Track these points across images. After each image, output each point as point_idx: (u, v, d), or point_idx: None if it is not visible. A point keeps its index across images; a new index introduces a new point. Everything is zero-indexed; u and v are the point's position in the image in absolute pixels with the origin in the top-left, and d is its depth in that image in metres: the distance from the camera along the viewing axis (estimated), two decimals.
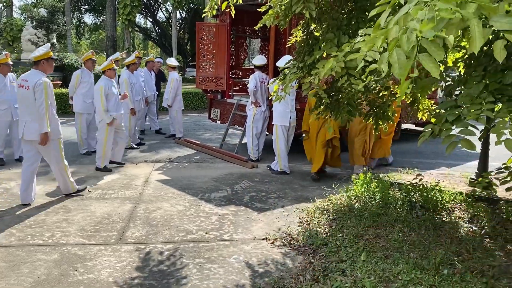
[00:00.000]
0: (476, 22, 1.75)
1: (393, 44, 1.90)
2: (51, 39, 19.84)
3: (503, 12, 1.82)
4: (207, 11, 5.46)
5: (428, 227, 4.40)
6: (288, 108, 6.85)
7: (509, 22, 1.77)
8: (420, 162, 8.17)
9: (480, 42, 1.75)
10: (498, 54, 1.88)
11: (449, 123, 2.92)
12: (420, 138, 3.12)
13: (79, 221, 4.68)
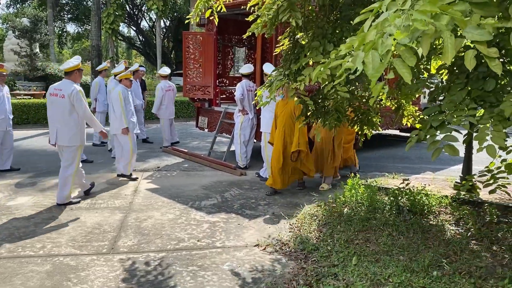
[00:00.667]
0: (449, 34, 1.85)
1: (370, 46, 1.99)
2: (33, 49, 19.65)
3: (475, 24, 1.93)
4: (190, 17, 5.52)
5: (416, 230, 4.50)
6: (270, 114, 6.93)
7: (480, 34, 1.89)
8: (405, 167, 8.32)
9: (452, 53, 1.86)
10: (468, 63, 2.00)
11: (433, 128, 3.02)
12: (408, 143, 3.21)
13: (69, 232, 4.66)
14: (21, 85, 18.29)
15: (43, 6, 31.41)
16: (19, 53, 18.92)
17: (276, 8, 3.92)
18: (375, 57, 1.93)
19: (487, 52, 1.96)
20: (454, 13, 1.83)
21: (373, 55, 1.94)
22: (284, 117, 6.18)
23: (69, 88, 5.43)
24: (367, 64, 1.96)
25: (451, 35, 1.85)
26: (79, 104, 5.44)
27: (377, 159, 9.21)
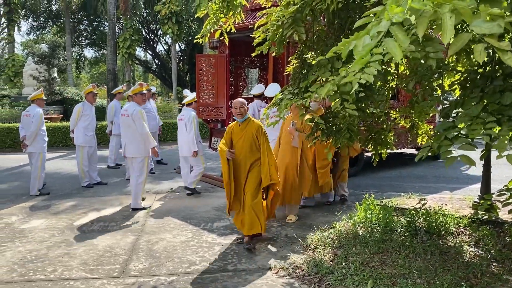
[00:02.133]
0: (449, 15, 1.79)
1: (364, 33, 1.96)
2: (52, 74, 20.08)
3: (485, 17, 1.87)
4: (198, 38, 5.57)
5: (433, 252, 4.35)
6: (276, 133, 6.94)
7: (489, 27, 1.82)
8: (422, 186, 8.15)
9: (451, 33, 1.80)
10: (478, 56, 1.93)
11: (448, 140, 2.93)
12: (418, 154, 3.14)
13: (81, 255, 4.63)
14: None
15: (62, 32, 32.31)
16: (38, 78, 19.34)
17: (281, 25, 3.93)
18: (366, 39, 1.90)
19: (499, 45, 1.89)
20: (458, 3, 1.79)
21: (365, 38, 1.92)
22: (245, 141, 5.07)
23: (131, 109, 6.49)
24: (356, 46, 1.92)
25: (450, 16, 1.79)
26: (137, 122, 6.39)
27: (393, 179, 9.06)
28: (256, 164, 4.84)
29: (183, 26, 27.98)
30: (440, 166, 10.66)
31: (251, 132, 4.83)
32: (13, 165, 10.77)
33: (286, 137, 5.93)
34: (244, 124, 4.91)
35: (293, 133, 5.76)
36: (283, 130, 6.01)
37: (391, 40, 1.85)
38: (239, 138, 4.88)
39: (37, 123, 7.39)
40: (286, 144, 5.91)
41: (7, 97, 19.80)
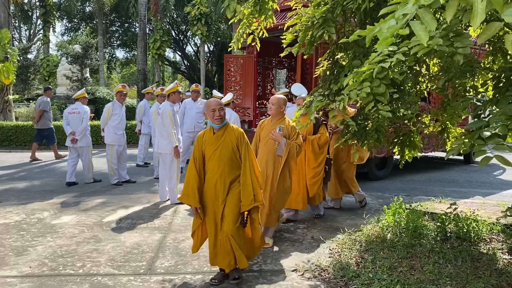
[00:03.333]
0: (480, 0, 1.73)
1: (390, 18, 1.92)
2: (84, 74, 20.61)
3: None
4: (233, 44, 5.60)
5: (464, 258, 4.22)
6: None
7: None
8: (453, 191, 7.94)
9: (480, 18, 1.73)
10: (509, 46, 1.87)
11: (481, 139, 2.83)
12: (448, 152, 3.04)
13: (109, 251, 4.71)
14: None
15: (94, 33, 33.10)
16: (71, 78, 19.88)
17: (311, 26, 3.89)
18: (391, 22, 1.85)
19: None
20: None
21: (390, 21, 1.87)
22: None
23: (164, 107, 6.86)
24: (381, 30, 1.87)
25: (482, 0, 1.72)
26: (165, 120, 6.75)
27: (423, 183, 8.86)
28: (237, 182, 3.89)
29: (212, 27, 28.21)
30: (472, 170, 10.36)
31: (230, 142, 3.86)
32: (45, 162, 11.06)
33: (268, 144, 4.89)
34: (221, 131, 3.92)
35: (279, 140, 4.78)
36: (262, 135, 5.01)
37: (417, 23, 1.80)
38: (215, 149, 3.88)
39: (87, 120, 8.31)
40: (268, 152, 4.87)
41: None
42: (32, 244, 4.89)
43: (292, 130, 4.83)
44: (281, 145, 4.76)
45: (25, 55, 26.15)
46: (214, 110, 3.83)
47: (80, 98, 8.50)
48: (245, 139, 3.89)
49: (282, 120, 4.92)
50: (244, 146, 3.86)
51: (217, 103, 3.86)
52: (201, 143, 3.95)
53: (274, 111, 4.89)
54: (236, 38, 5.44)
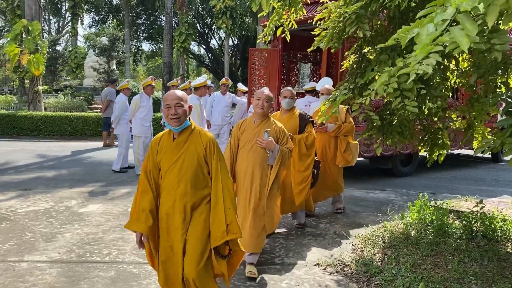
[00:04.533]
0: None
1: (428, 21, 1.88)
2: (111, 66, 20.94)
3: None
4: (261, 37, 5.59)
5: (491, 258, 4.15)
6: None
7: None
8: (480, 189, 7.78)
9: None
10: None
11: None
12: (476, 150, 2.99)
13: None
14: (98, 99, 19.50)
15: (121, 26, 33.51)
16: (98, 69, 20.24)
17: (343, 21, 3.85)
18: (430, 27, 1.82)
19: None
20: None
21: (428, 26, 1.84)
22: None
23: (191, 101, 6.45)
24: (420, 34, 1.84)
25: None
26: (192, 114, 6.42)
27: (449, 180, 8.72)
28: (203, 205, 2.91)
29: (237, 20, 28.21)
30: (500, 169, 10.13)
31: (195, 152, 2.87)
32: (73, 152, 11.32)
33: (255, 151, 3.96)
34: (182, 136, 2.90)
35: (272, 147, 3.89)
36: (243, 140, 4.07)
37: (457, 29, 1.76)
38: (174, 161, 2.87)
39: (119, 109, 8.70)
40: (255, 162, 3.95)
41: (69, 87, 20.87)
42: (60, 231, 5.03)
43: (281, 133, 4.04)
44: (273, 153, 3.93)
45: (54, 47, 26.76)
46: (168, 107, 2.79)
47: (123, 89, 8.91)
48: (216, 149, 2.91)
49: (267, 121, 4.07)
50: (215, 158, 2.89)
51: (174, 97, 2.80)
52: (155, 151, 2.95)
53: (265, 109, 4.02)
54: (266, 31, 5.43)
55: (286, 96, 4.88)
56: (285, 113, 4.99)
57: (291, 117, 4.93)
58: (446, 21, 1.78)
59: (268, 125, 4.03)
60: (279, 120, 4.54)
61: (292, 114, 4.94)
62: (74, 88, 21.14)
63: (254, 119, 4.12)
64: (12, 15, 19.22)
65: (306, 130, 4.85)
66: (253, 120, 4.11)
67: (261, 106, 4.02)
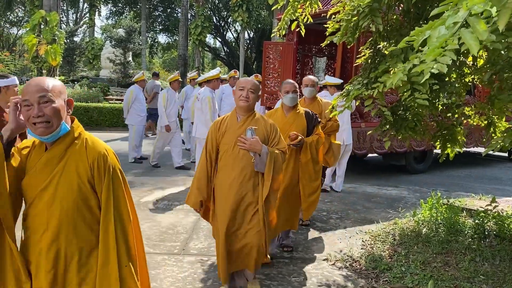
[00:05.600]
0: None
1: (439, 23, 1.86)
2: (127, 57, 21.07)
3: None
4: (276, 31, 5.56)
5: (503, 258, 4.09)
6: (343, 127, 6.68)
7: None
8: (495, 188, 7.66)
9: None
10: None
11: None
12: (486, 149, 2.95)
13: (145, 230, 4.85)
14: (114, 90, 19.66)
15: (138, 18, 33.66)
16: (114, 61, 20.39)
17: (356, 14, 3.81)
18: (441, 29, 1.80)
19: None
20: None
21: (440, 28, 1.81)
22: None
23: (203, 94, 6.92)
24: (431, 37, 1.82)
25: None
26: (205, 107, 6.85)
27: (463, 178, 8.61)
28: (91, 257, 1.93)
29: (253, 13, 28.11)
30: None
31: (74, 173, 1.87)
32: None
33: (242, 157, 3.22)
34: (57, 149, 1.88)
35: (257, 148, 3.14)
36: (224, 143, 3.30)
37: (467, 32, 1.73)
38: (43, 187, 1.85)
39: (127, 99, 8.68)
40: (242, 171, 3.22)
41: (86, 78, 21.07)
42: None
43: (272, 131, 3.32)
44: (261, 157, 3.16)
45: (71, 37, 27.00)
46: (29, 106, 1.80)
47: (138, 81, 8.91)
48: (109, 169, 1.92)
49: (253, 117, 3.30)
50: (107, 182, 1.91)
51: (37, 89, 1.79)
52: (16, 171, 1.88)
53: (251, 101, 3.24)
54: (280, 25, 5.39)
55: (289, 90, 4.05)
56: (288, 111, 4.16)
57: (296, 117, 4.14)
58: (457, 23, 1.75)
59: (255, 122, 3.27)
60: (281, 120, 4.06)
61: (297, 112, 4.15)
62: (91, 79, 21.32)
63: (237, 115, 3.31)
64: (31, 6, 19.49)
65: (315, 132, 4.15)
66: (236, 117, 3.31)
67: (245, 98, 3.20)
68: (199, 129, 7.03)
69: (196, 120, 7.26)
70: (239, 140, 3.19)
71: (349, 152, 6.96)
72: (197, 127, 7.13)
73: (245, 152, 3.20)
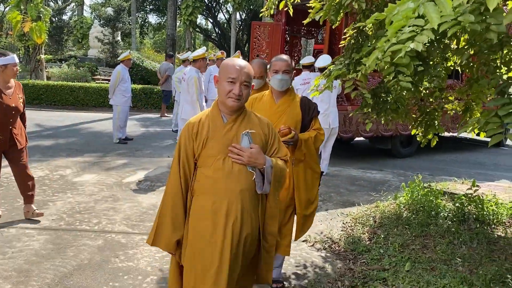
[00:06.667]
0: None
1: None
2: (116, 37, 20.71)
3: None
4: (264, 11, 5.45)
5: (481, 241, 4.12)
6: (329, 110, 6.64)
7: None
8: (479, 173, 7.72)
9: None
10: None
11: (498, 117, 2.69)
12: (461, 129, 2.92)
13: (125, 210, 4.81)
14: (102, 70, 19.38)
15: None
16: (102, 40, 20.03)
17: None
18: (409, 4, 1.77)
19: None
20: None
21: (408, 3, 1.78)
22: None
23: (190, 74, 6.77)
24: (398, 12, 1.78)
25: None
26: (191, 87, 6.69)
27: (448, 163, 8.65)
28: None
29: None
30: (501, 153, 10.04)
31: None
32: (73, 122, 11.30)
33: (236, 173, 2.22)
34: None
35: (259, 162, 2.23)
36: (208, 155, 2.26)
37: (431, 4, 1.69)
38: None
39: (114, 79, 8.52)
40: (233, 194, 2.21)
41: (74, 58, 20.72)
42: (52, 199, 5.04)
43: (270, 133, 2.36)
44: (266, 173, 2.23)
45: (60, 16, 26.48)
46: None
47: (124, 60, 8.73)
48: None
49: (244, 115, 2.32)
50: None
51: None
52: None
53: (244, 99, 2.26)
54: (268, 4, 5.29)
55: (279, 69, 3.04)
56: (278, 97, 3.14)
57: (289, 105, 3.13)
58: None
59: (248, 122, 2.30)
60: (269, 108, 3.09)
61: (289, 99, 3.14)
62: (79, 58, 20.92)
63: (221, 115, 2.28)
64: None
65: (313, 126, 3.16)
66: (221, 117, 2.28)
67: (237, 97, 2.19)
68: (185, 110, 6.91)
69: (182, 101, 7.14)
70: (230, 151, 2.21)
71: (334, 135, 6.93)
72: (183, 108, 7.01)
73: (242, 168, 2.21)
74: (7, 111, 4.09)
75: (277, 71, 3.06)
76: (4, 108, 4.06)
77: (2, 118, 4.07)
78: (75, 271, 3.40)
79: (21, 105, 4.26)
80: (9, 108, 4.10)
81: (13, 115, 4.17)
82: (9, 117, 4.13)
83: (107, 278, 3.33)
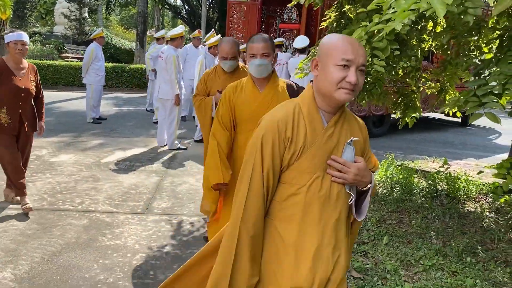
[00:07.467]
0: None
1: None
2: (83, 13, 20.08)
3: None
4: None
5: (452, 215, 4.37)
6: None
7: None
8: (448, 152, 8.05)
9: None
10: None
11: (476, 96, 2.86)
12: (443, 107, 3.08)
13: (107, 190, 4.81)
14: (69, 48, 18.82)
15: None
16: (69, 17, 19.38)
17: None
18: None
19: None
20: None
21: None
22: None
23: (167, 52, 6.61)
24: None
25: None
26: (169, 65, 6.53)
27: (418, 142, 8.97)
28: None
29: None
30: (468, 133, 10.47)
31: None
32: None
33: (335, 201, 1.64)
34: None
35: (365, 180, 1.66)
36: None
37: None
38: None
39: (87, 57, 8.32)
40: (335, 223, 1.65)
41: (39, 35, 19.98)
42: (31, 179, 4.98)
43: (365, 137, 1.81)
44: (367, 194, 1.71)
45: None
46: None
47: (97, 38, 8.51)
48: None
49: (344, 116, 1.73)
50: None
51: None
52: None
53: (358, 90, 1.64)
54: None
55: (256, 53, 2.63)
56: (261, 85, 2.75)
57: (275, 92, 2.74)
58: None
59: (349, 127, 1.72)
60: (253, 99, 2.73)
61: (275, 85, 2.76)
62: (44, 35, 20.19)
63: (320, 113, 1.66)
64: None
65: None
66: (320, 117, 1.66)
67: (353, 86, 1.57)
68: (163, 89, 6.80)
69: (159, 80, 7.01)
70: (330, 165, 1.64)
71: None
72: (160, 87, 6.89)
73: (341, 189, 1.66)
74: (17, 93, 3.92)
75: (254, 55, 2.63)
76: (13, 89, 3.88)
77: (11, 99, 3.91)
78: (64, 249, 3.42)
79: (33, 88, 4.08)
80: (18, 90, 3.92)
81: (23, 98, 3.99)
82: (19, 99, 3.95)
83: (96, 256, 3.37)
